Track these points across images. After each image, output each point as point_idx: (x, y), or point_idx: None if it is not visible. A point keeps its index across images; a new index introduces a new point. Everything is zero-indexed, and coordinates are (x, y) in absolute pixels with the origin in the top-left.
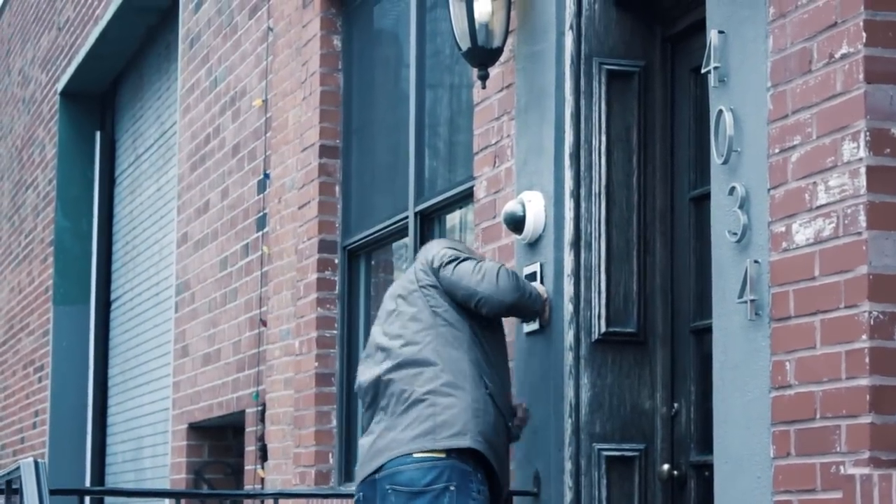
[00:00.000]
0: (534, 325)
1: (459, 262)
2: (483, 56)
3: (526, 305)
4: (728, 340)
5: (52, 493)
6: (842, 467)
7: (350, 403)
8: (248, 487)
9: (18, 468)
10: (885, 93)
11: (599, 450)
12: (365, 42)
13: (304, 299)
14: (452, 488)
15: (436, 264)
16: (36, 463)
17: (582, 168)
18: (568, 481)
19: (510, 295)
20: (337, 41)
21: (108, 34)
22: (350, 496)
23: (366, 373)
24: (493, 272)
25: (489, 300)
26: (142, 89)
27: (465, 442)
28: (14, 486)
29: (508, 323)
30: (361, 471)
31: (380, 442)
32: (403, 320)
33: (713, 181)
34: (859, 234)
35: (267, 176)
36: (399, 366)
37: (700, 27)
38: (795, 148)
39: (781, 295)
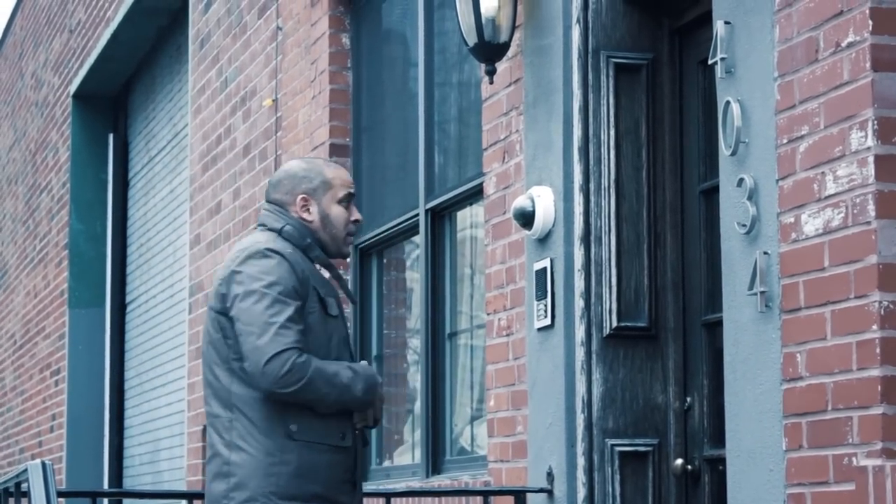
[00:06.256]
0: (545, 321)
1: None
2: (490, 51)
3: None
4: (739, 333)
5: (63, 494)
6: (854, 459)
7: None
8: None
9: (27, 470)
10: (893, 81)
11: (612, 445)
12: (373, 40)
13: None
14: None
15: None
16: (43, 464)
17: (591, 162)
18: (581, 477)
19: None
20: (346, 39)
21: (119, 36)
22: (369, 494)
23: None
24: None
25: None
26: (154, 91)
27: None
28: (23, 489)
29: (519, 319)
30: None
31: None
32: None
33: (721, 173)
34: (868, 223)
35: None
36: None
37: (707, 19)
38: (803, 138)
39: (791, 286)
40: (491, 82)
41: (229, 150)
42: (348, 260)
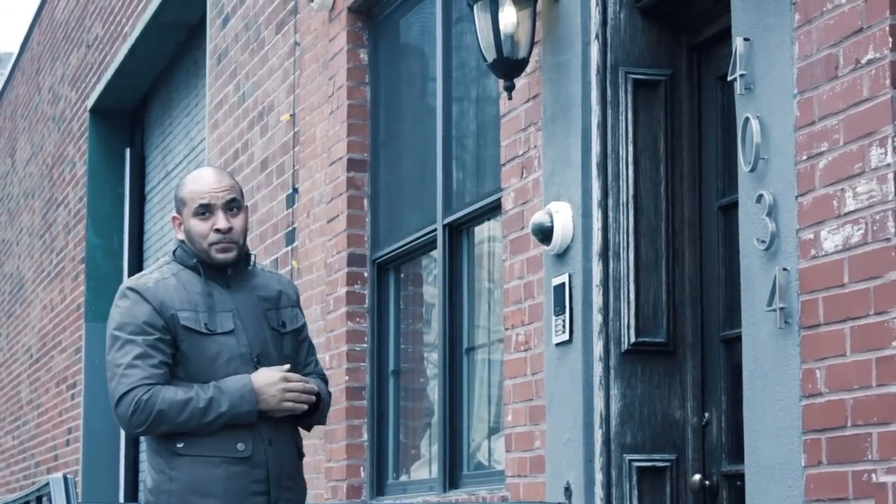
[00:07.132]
0: (563, 336)
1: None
2: (509, 67)
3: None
4: (758, 349)
5: None
6: (874, 475)
7: (382, 417)
8: None
9: (48, 484)
10: None
11: (630, 460)
12: (391, 55)
13: (333, 313)
14: None
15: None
16: (65, 478)
17: (609, 178)
18: (599, 493)
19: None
20: (364, 54)
21: (136, 51)
22: None
23: None
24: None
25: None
26: (171, 105)
27: None
28: (43, 503)
29: (537, 334)
30: None
31: None
32: None
33: (741, 189)
34: (888, 240)
35: (295, 190)
36: None
37: (726, 35)
38: (823, 154)
39: (811, 302)
40: (509, 98)
41: (247, 165)
42: (365, 274)
